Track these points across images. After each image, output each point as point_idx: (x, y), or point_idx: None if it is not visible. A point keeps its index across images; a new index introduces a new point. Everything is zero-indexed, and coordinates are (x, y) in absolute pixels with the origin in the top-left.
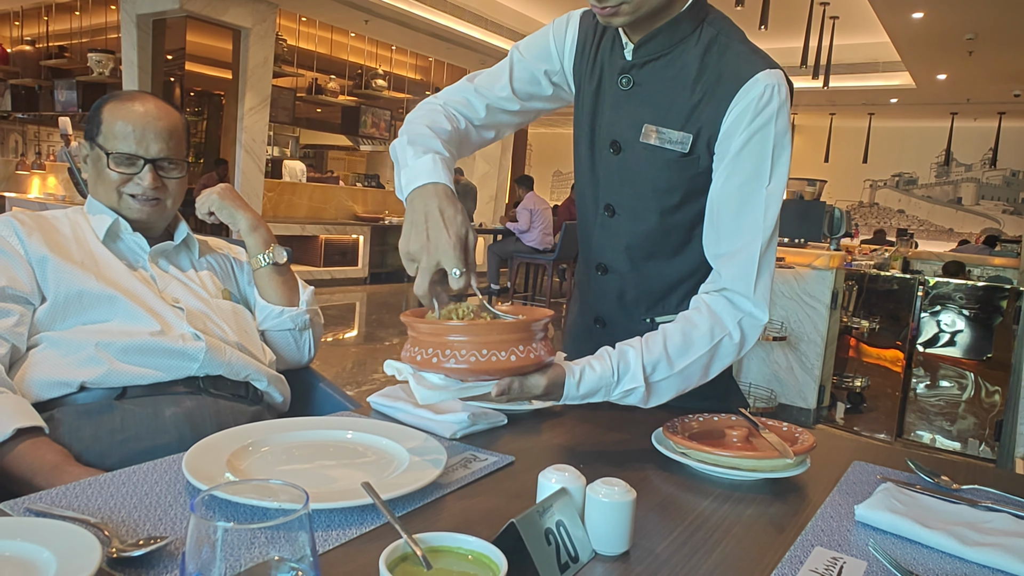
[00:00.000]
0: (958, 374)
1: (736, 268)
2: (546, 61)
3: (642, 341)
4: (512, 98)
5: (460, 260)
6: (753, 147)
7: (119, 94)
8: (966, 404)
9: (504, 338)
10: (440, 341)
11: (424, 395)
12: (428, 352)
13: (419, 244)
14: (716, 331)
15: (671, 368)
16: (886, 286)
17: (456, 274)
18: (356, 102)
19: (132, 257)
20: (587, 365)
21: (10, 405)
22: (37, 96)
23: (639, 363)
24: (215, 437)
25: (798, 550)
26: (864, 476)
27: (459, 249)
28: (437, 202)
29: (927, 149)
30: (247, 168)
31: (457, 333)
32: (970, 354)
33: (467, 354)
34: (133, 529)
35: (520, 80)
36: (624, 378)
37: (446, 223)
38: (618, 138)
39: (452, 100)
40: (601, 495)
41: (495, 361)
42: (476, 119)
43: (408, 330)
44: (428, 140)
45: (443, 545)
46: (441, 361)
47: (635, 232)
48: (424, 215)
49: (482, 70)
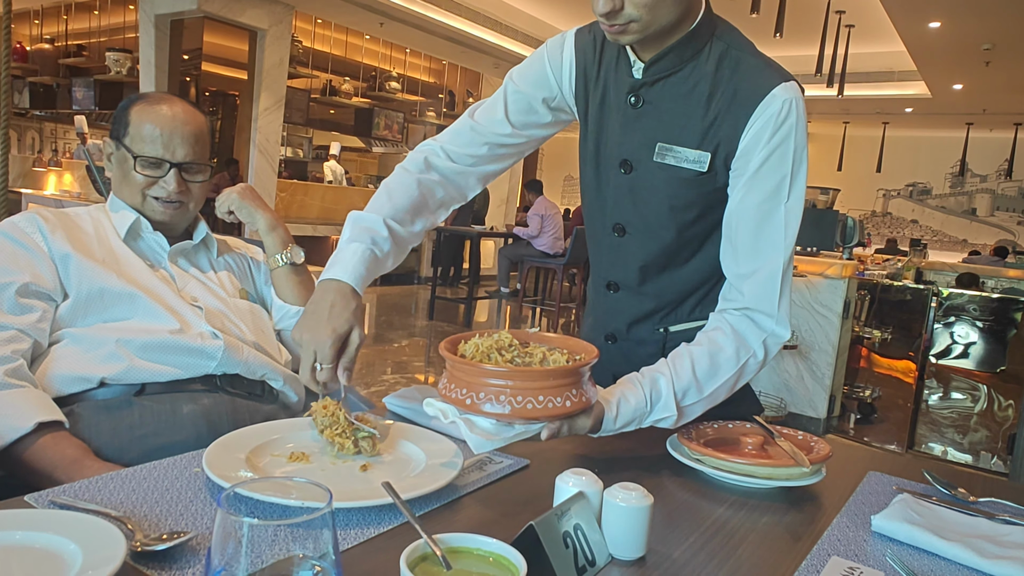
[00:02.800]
0: (971, 386)
1: (758, 288)
2: (543, 88)
3: (670, 367)
4: (510, 130)
5: (330, 356)
6: (772, 164)
7: (147, 95)
8: (979, 417)
9: (559, 383)
10: (492, 385)
11: (478, 443)
12: (479, 396)
13: (308, 337)
14: (742, 353)
15: (700, 393)
16: (899, 296)
17: (319, 367)
18: (370, 104)
19: (152, 256)
20: (622, 398)
21: (32, 399)
22: (55, 94)
23: (671, 391)
24: (233, 435)
25: (814, 559)
26: (880, 487)
27: (334, 345)
28: (331, 297)
29: (942, 159)
30: (260, 168)
31: (511, 378)
32: (983, 366)
33: (523, 401)
34: (155, 523)
35: (515, 111)
36: (657, 407)
37: (328, 319)
38: (629, 157)
39: (449, 141)
40: (619, 499)
41: (551, 407)
42: (477, 155)
43: (450, 366)
44: (371, 222)
45: (462, 546)
46: (493, 405)
47: (649, 249)
48: (315, 307)
49: (481, 101)
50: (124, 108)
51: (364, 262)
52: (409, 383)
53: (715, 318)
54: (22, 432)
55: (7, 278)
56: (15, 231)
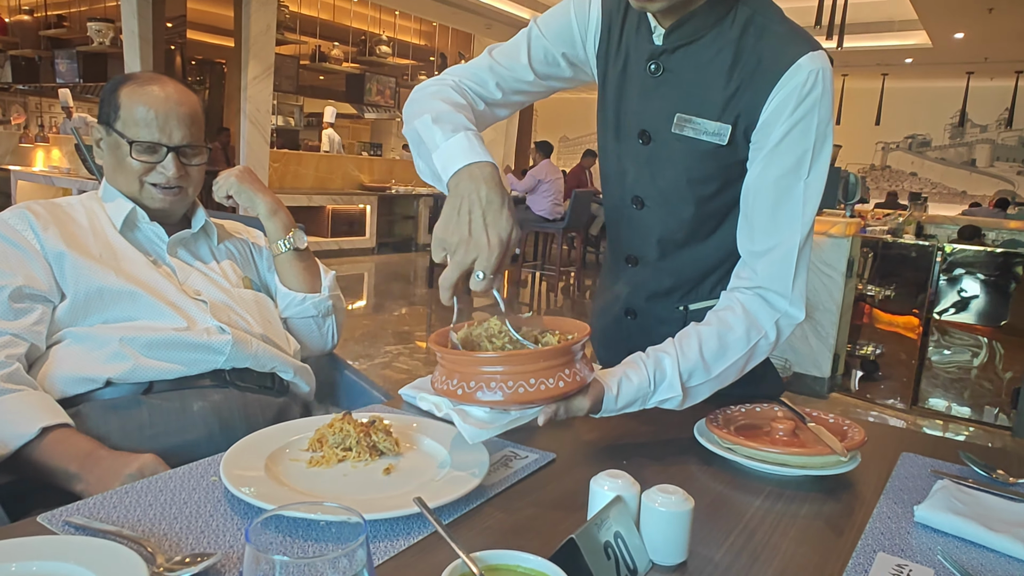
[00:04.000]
0: (974, 341)
1: (773, 266)
2: (567, 44)
3: (676, 346)
4: (531, 76)
5: (494, 265)
6: (794, 138)
7: (135, 76)
8: (982, 371)
9: (550, 364)
10: (483, 372)
11: (473, 434)
12: (470, 386)
13: (459, 237)
14: (752, 334)
15: (708, 373)
16: (903, 253)
17: (479, 277)
18: (360, 69)
19: (150, 247)
20: (623, 377)
21: (33, 403)
22: (37, 67)
23: (675, 371)
24: (249, 440)
25: (861, 556)
26: (915, 470)
27: (497, 253)
28: (485, 191)
29: (941, 110)
30: (252, 139)
31: (502, 364)
32: (986, 321)
33: (514, 385)
34: (175, 543)
35: (538, 60)
36: (660, 386)
37: (489, 221)
38: (647, 128)
39: (467, 78)
40: (658, 504)
41: (543, 390)
42: (491, 99)
43: (440, 358)
44: (453, 116)
45: (501, 563)
46: (486, 393)
47: (668, 223)
48: (469, 204)
49: (501, 43)
50: (112, 91)
51: (481, 142)
52: (412, 353)
53: (727, 297)
54: (27, 438)
55: (1, 280)
56: (6, 229)
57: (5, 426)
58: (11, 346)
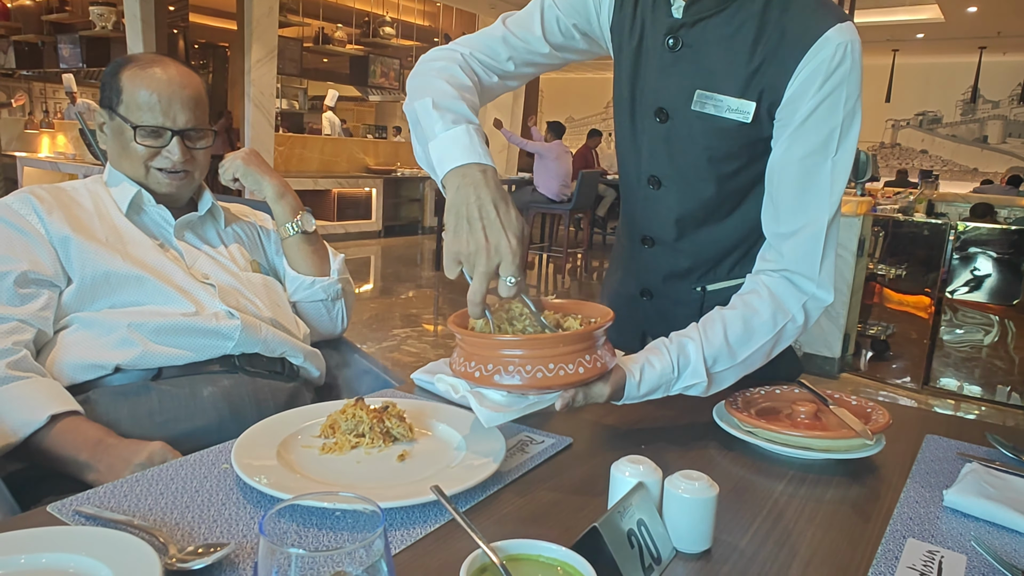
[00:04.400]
0: (985, 320)
1: (800, 249)
2: (580, 16)
3: (700, 331)
4: (546, 49)
5: (520, 267)
6: (821, 115)
7: (135, 58)
8: (994, 350)
9: (570, 349)
10: (502, 356)
11: (488, 417)
12: (488, 368)
13: (476, 245)
14: (779, 318)
15: (733, 359)
16: (914, 232)
17: (510, 283)
18: (364, 51)
19: (157, 231)
20: (646, 363)
21: (42, 390)
22: (41, 52)
23: (700, 357)
24: (260, 426)
25: (890, 543)
26: (941, 453)
27: (520, 254)
28: (490, 194)
29: (953, 86)
30: (257, 122)
31: (521, 347)
32: (998, 299)
33: (532, 370)
34: (188, 532)
35: (552, 32)
36: (685, 373)
37: (504, 223)
38: (665, 105)
39: (478, 50)
40: (681, 490)
41: (563, 375)
42: (502, 71)
43: (459, 340)
44: (455, 104)
45: (522, 553)
46: (504, 377)
47: (687, 203)
48: (478, 210)
49: (514, 12)
50: (113, 73)
51: (482, 140)
52: (420, 336)
53: (752, 280)
54: (36, 426)
55: (4, 267)
56: (9, 214)
57: (14, 413)
58: (18, 332)
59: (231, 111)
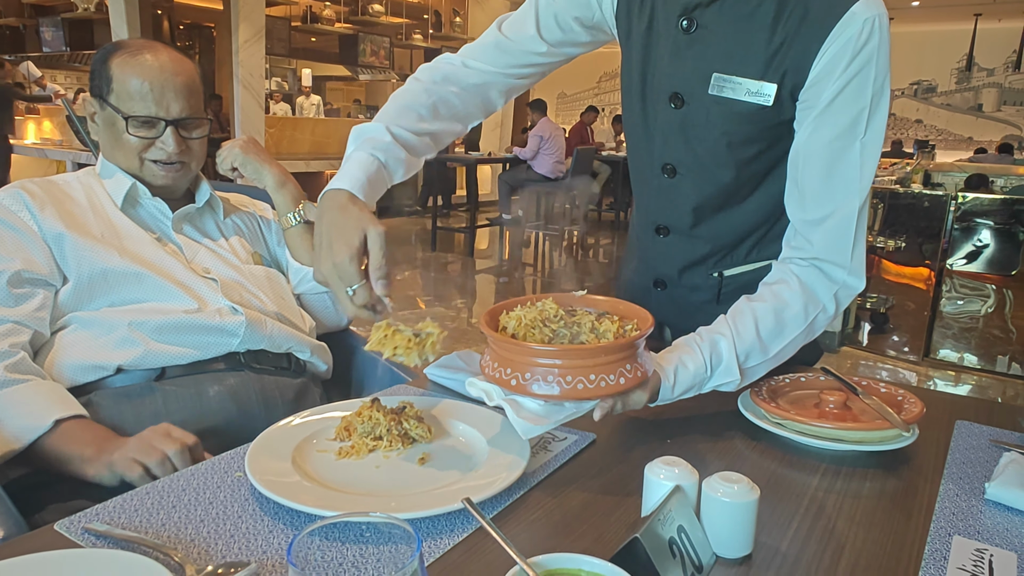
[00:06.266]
0: (985, 290)
1: (830, 236)
2: (580, 7)
3: (731, 326)
4: (545, 48)
5: (356, 273)
6: (849, 95)
7: (125, 44)
8: (993, 320)
9: (611, 360)
10: (539, 365)
11: (525, 428)
12: (526, 377)
13: (327, 268)
14: (810, 309)
15: (765, 354)
16: (913, 203)
17: (349, 292)
18: (353, 30)
19: (154, 224)
20: (679, 364)
21: (44, 393)
22: (23, 36)
23: (732, 353)
24: (271, 432)
25: (936, 542)
26: (974, 440)
27: (353, 260)
28: (329, 216)
29: (948, 54)
30: (246, 104)
31: (560, 358)
32: (997, 269)
33: (573, 381)
34: (204, 550)
35: (548, 28)
36: (718, 371)
37: (335, 238)
38: (680, 90)
39: (473, 58)
40: (720, 494)
41: (604, 387)
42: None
43: (492, 344)
44: (374, 131)
45: (562, 568)
46: (542, 386)
47: (703, 191)
48: (320, 235)
49: (509, 14)
50: (102, 61)
51: (364, 169)
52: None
53: (780, 269)
54: (41, 432)
55: None
56: (0, 211)
57: (16, 419)
58: (14, 334)
59: (220, 94)
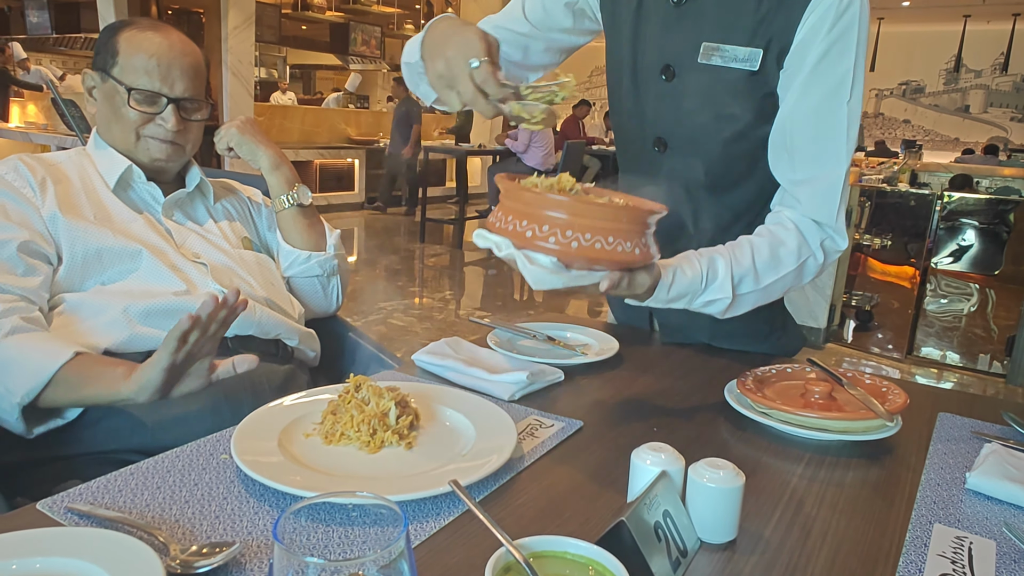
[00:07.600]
0: (968, 289)
1: (817, 195)
2: None
3: (729, 251)
4: (528, 28)
5: (479, 49)
6: (833, 58)
7: (134, 21)
8: (976, 319)
9: (629, 227)
10: (557, 219)
11: (537, 278)
12: (543, 230)
13: (443, 58)
14: (803, 250)
15: (757, 283)
16: (900, 202)
17: (474, 64)
18: (344, 18)
19: (145, 208)
20: (679, 268)
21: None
22: (7, 18)
23: (728, 273)
24: (258, 414)
25: (917, 529)
26: (956, 432)
27: (480, 40)
28: (445, 25)
29: (936, 55)
30: (235, 92)
31: (581, 212)
32: (980, 268)
33: (591, 239)
34: (189, 530)
35: (532, 9)
36: (711, 286)
37: (457, 31)
38: (671, 62)
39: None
40: (706, 480)
41: (620, 252)
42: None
43: (507, 198)
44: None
45: (548, 550)
46: (559, 241)
47: (693, 166)
48: (435, 38)
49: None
50: (110, 35)
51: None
52: (406, 309)
53: (775, 215)
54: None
55: (5, 235)
56: (3, 183)
57: (35, 354)
58: (24, 311)
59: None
